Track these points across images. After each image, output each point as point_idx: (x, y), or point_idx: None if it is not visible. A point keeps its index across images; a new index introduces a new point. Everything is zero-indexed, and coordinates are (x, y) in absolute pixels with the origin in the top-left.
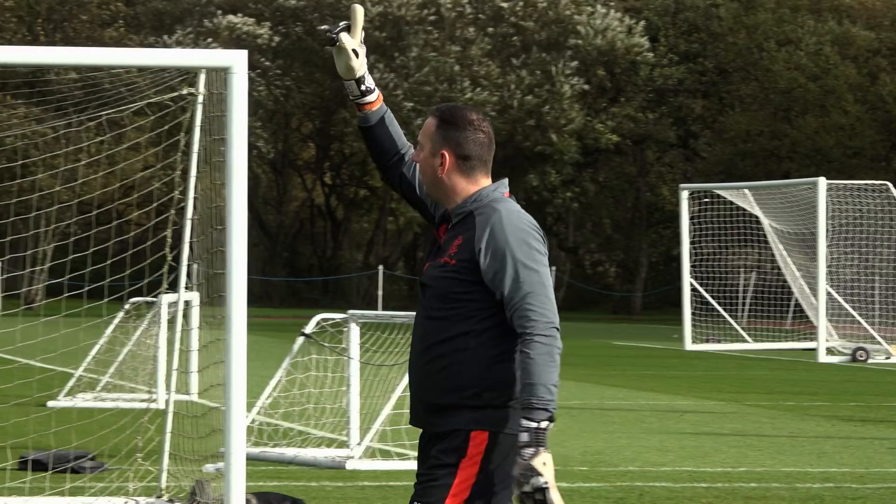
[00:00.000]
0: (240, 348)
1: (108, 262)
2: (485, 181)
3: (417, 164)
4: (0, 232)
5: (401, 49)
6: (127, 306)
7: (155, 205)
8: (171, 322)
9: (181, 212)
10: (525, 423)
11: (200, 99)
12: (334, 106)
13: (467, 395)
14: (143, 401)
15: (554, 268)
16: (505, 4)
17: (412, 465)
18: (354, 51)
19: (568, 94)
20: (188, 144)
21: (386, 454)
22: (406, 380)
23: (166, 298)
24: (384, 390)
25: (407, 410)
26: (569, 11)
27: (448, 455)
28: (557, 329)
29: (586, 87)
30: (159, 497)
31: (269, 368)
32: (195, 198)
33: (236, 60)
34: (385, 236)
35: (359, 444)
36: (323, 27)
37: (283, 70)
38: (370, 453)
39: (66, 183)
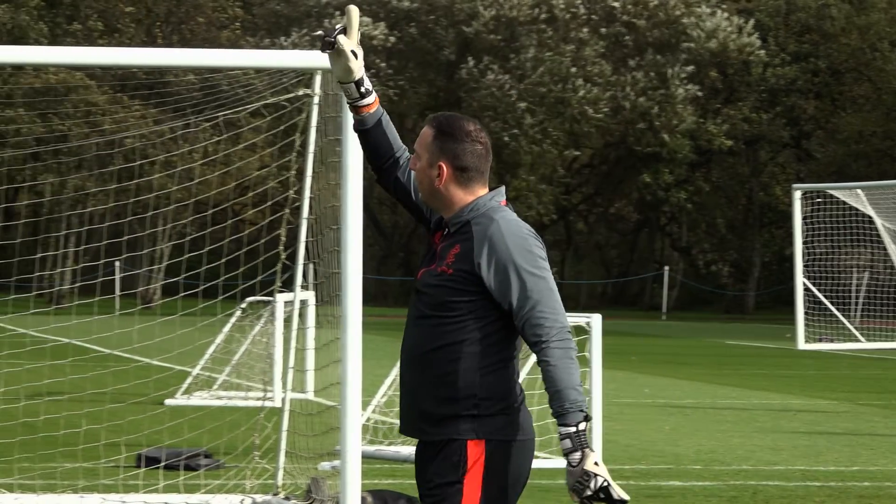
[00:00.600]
0: (355, 347)
1: (223, 260)
2: (482, 191)
3: (414, 173)
4: (118, 231)
5: (515, 50)
6: (244, 305)
7: (269, 203)
8: (287, 321)
9: (296, 211)
10: (563, 429)
11: (316, 100)
12: (448, 106)
13: (463, 405)
14: (259, 399)
15: (667, 267)
16: (616, 4)
17: None
18: (353, 52)
19: (681, 97)
20: (303, 145)
21: None
22: (520, 379)
23: (282, 297)
24: None
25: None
26: (679, 12)
27: (449, 471)
28: (570, 331)
29: (699, 92)
30: (275, 494)
31: (383, 367)
32: (311, 198)
33: None
34: None
35: None
36: (318, 32)
37: (398, 70)
38: None
39: (183, 183)
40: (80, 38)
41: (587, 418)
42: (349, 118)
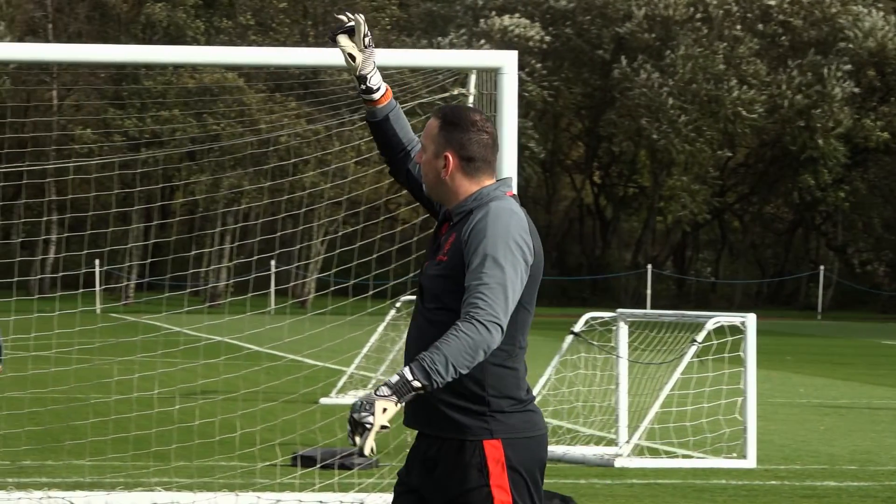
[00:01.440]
0: None
1: (373, 256)
2: (488, 181)
3: (421, 165)
4: (272, 229)
5: (670, 49)
6: (398, 304)
7: None
8: None
9: None
10: (403, 371)
11: (471, 99)
12: (603, 106)
13: (471, 401)
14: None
15: (822, 267)
16: (772, 2)
17: (681, 463)
18: (351, 54)
19: (839, 96)
20: None
21: (654, 452)
22: (674, 379)
23: None
24: (652, 388)
25: (675, 409)
26: (834, 10)
27: (473, 476)
28: (498, 327)
29: (856, 90)
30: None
31: (538, 367)
32: None
33: (507, 61)
34: (654, 235)
35: (627, 441)
36: (330, 28)
37: (552, 70)
38: (639, 451)
39: (336, 181)
40: (234, 36)
41: (424, 388)
42: (504, 117)
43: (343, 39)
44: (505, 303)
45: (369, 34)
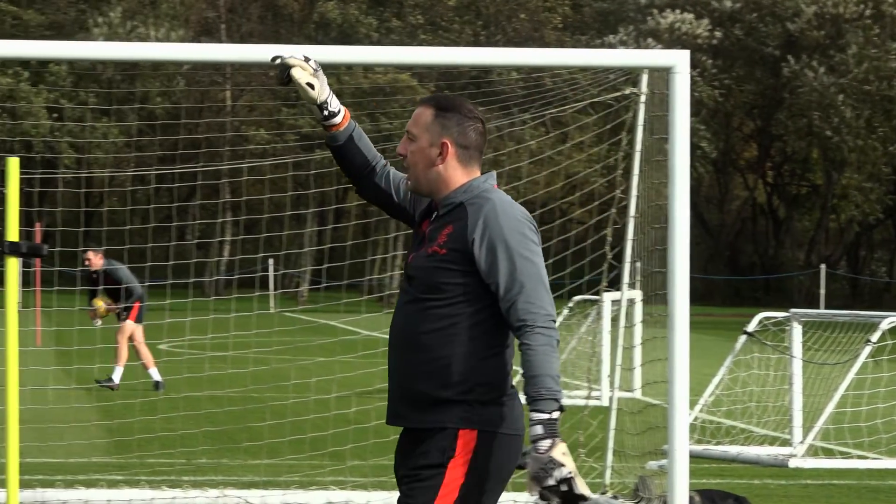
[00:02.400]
0: (682, 346)
1: (550, 260)
2: (477, 172)
3: (406, 158)
4: None
5: (839, 48)
6: (571, 304)
7: (597, 203)
8: (614, 320)
9: (622, 211)
10: (536, 415)
11: (643, 99)
12: (774, 105)
13: (457, 391)
14: (585, 398)
15: None
16: None
17: (856, 463)
18: (309, 84)
19: None
20: (630, 144)
21: (829, 452)
22: (848, 379)
23: (609, 296)
24: (826, 389)
25: (849, 409)
26: None
27: (434, 454)
28: (554, 321)
29: None
30: (603, 493)
31: (711, 366)
32: (636, 196)
33: (679, 60)
34: (827, 234)
35: (801, 442)
36: (274, 60)
37: (723, 69)
38: (813, 451)
39: (510, 182)
40: (404, 36)
41: (561, 408)
42: (676, 117)
43: (296, 73)
44: (547, 293)
45: (311, 57)
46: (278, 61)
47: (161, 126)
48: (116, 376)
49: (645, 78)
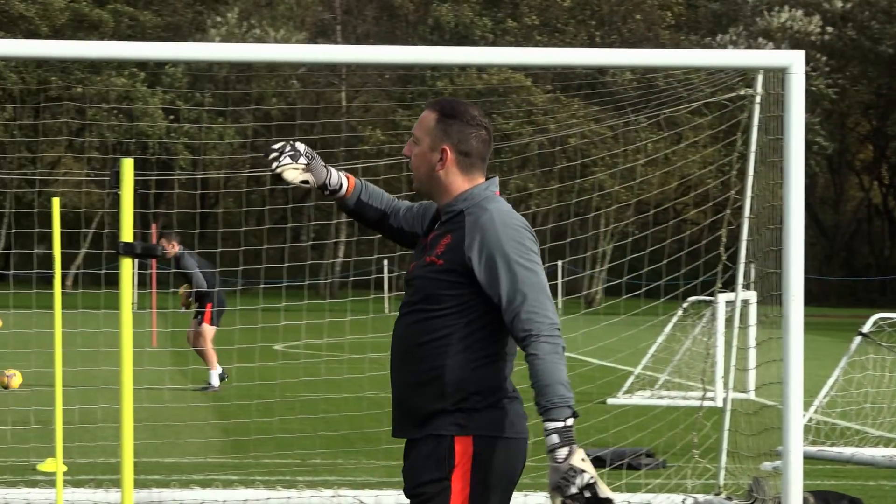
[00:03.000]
0: (797, 347)
1: (665, 261)
2: (480, 179)
3: (410, 161)
4: (560, 232)
5: None
6: (685, 305)
7: (711, 204)
8: (729, 321)
9: (737, 211)
10: (551, 424)
11: (758, 99)
12: (891, 106)
13: (451, 401)
14: (699, 399)
15: None
16: None
17: None
18: (304, 181)
19: None
20: (745, 144)
21: None
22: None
23: (723, 297)
24: None
25: None
26: None
27: (434, 466)
28: (559, 329)
29: None
30: (717, 494)
31: (825, 367)
32: (751, 197)
33: (794, 61)
34: None
35: None
36: (268, 154)
37: (837, 69)
38: None
39: (625, 182)
40: (519, 37)
41: (575, 414)
42: (792, 117)
43: (288, 175)
44: (549, 301)
45: (299, 146)
46: (274, 165)
47: (276, 127)
48: (214, 380)
49: (759, 78)
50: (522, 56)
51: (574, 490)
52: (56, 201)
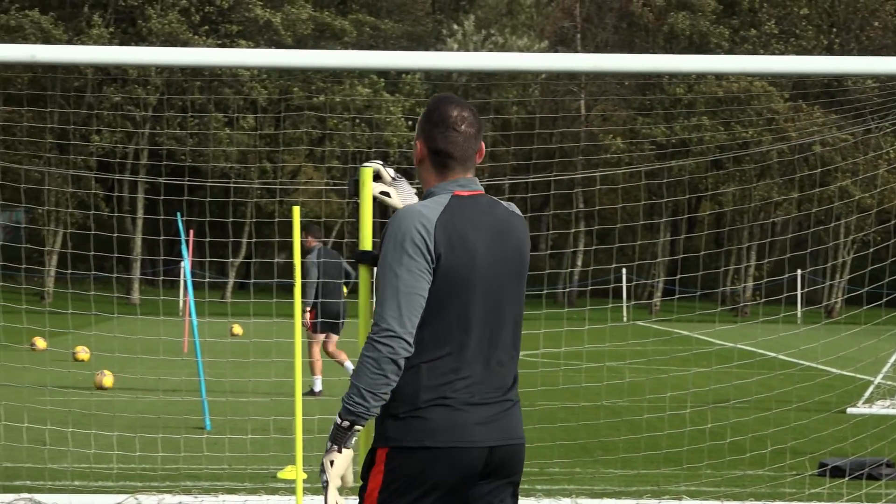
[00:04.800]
0: None
1: None
2: (453, 177)
3: None
4: (800, 242)
5: None
6: None
7: None
8: None
9: None
10: (336, 418)
11: None
12: None
13: (384, 408)
14: None
15: None
16: None
17: None
18: (384, 192)
19: None
20: None
21: None
22: None
23: None
24: None
25: None
26: None
27: (363, 475)
28: (397, 336)
29: None
30: None
31: None
32: None
33: None
34: None
35: None
36: (353, 175)
37: None
38: None
39: (867, 190)
40: (757, 45)
41: (354, 422)
42: None
43: (377, 188)
44: (398, 309)
45: (385, 168)
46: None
47: (515, 136)
48: (318, 385)
49: None
50: (759, 63)
51: (322, 481)
52: (296, 210)
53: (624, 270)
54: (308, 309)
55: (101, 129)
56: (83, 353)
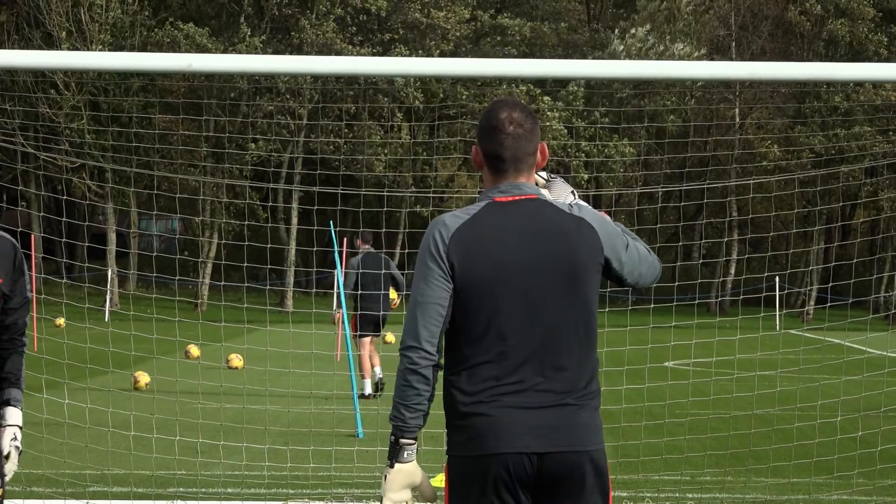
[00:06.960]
0: None
1: None
2: (505, 181)
3: None
4: None
5: None
6: None
7: None
8: None
9: None
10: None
11: None
12: None
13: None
14: None
15: None
16: None
17: None
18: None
19: None
20: None
21: None
22: None
23: None
24: None
25: None
26: None
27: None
28: (416, 348)
29: None
30: None
31: None
32: None
33: None
34: None
35: None
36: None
37: None
38: None
39: None
40: None
41: (397, 437)
42: None
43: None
44: (416, 320)
45: (537, 174)
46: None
47: (669, 144)
48: (367, 388)
49: None
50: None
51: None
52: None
53: (777, 279)
54: (350, 314)
55: (258, 138)
56: (237, 360)
